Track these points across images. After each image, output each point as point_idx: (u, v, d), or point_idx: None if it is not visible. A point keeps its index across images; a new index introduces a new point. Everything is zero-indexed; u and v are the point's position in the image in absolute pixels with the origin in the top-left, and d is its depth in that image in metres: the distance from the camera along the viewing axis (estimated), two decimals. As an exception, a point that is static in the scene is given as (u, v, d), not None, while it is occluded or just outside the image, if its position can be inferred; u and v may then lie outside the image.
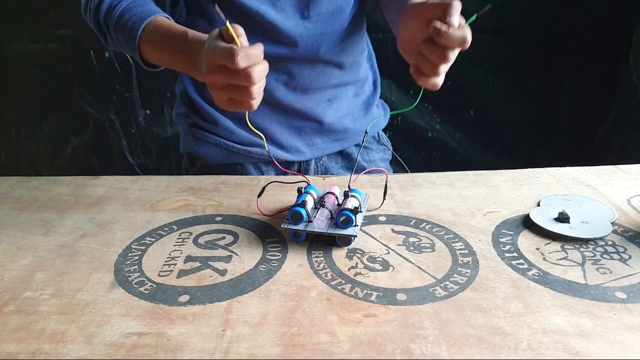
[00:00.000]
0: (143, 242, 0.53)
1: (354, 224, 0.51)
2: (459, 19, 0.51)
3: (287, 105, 0.74)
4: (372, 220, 0.57)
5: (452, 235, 0.53)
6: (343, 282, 0.45)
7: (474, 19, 0.50)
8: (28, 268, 0.49)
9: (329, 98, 0.77)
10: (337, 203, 0.55)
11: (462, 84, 1.46)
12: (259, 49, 0.50)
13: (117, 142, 1.57)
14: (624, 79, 1.43)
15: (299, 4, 0.68)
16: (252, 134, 0.75)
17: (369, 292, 0.44)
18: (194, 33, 0.59)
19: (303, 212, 0.51)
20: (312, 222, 0.52)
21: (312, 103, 0.75)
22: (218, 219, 0.58)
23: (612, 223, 0.54)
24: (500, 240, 0.52)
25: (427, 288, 0.44)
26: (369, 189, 0.64)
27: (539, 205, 0.59)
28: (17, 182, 0.69)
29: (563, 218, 0.54)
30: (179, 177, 0.70)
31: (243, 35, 0.51)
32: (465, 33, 0.50)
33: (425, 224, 0.56)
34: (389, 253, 0.50)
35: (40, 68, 1.48)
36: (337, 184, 0.60)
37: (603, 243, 0.51)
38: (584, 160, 0.79)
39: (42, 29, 1.43)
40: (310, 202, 0.54)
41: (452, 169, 0.70)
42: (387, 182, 0.60)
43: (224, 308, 0.42)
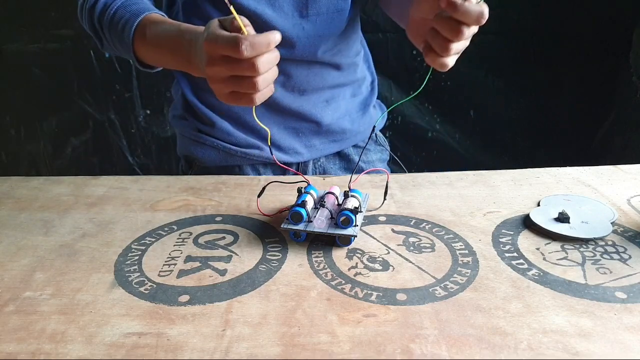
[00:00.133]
0: (143, 242, 0.53)
1: (354, 224, 0.51)
2: None
3: (284, 107, 0.73)
4: (372, 220, 0.57)
5: (452, 235, 0.53)
6: (343, 282, 0.45)
7: None
8: (28, 268, 0.49)
9: (327, 99, 0.77)
10: (337, 203, 0.55)
11: (462, 84, 1.46)
12: (266, 38, 0.47)
13: (117, 142, 1.57)
14: (624, 79, 1.43)
15: (298, 3, 0.68)
16: (249, 136, 0.75)
17: (369, 292, 0.44)
18: (189, 26, 0.58)
19: (303, 212, 0.51)
20: (312, 222, 0.52)
21: (309, 104, 0.75)
22: (218, 219, 0.58)
23: (612, 223, 0.54)
24: (500, 240, 0.52)
25: (427, 288, 0.44)
26: (369, 189, 0.64)
27: (539, 205, 0.59)
28: (17, 182, 0.69)
29: (563, 218, 0.54)
30: (179, 177, 0.70)
31: (249, 26, 0.49)
32: (482, 8, 0.47)
33: (425, 224, 0.56)
34: (389, 253, 0.50)
35: (40, 68, 1.48)
36: (337, 184, 0.60)
37: (603, 243, 0.51)
38: (584, 160, 0.79)
39: (42, 29, 1.43)
40: (310, 202, 0.54)
41: (452, 169, 0.70)
42: (387, 182, 0.60)
43: (224, 308, 0.42)
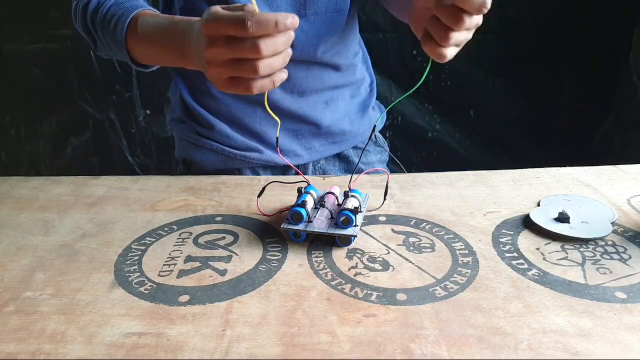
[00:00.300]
0: (143, 242, 0.53)
1: (354, 224, 0.51)
2: None
3: (283, 109, 0.73)
4: (372, 220, 0.57)
5: (452, 235, 0.53)
6: (343, 282, 0.45)
7: None
8: (28, 268, 0.49)
9: (326, 100, 0.77)
10: (337, 203, 0.55)
11: (462, 84, 1.46)
12: (273, 16, 0.44)
13: (117, 142, 1.57)
14: (624, 79, 1.43)
15: (296, 3, 0.68)
16: (249, 139, 0.75)
17: (369, 292, 0.44)
18: (182, 17, 0.57)
19: (303, 212, 0.51)
20: (312, 222, 0.52)
21: (309, 106, 0.75)
22: (218, 219, 0.58)
23: (612, 223, 0.54)
24: (500, 240, 0.52)
25: (427, 288, 0.44)
26: (369, 189, 0.64)
27: (539, 205, 0.59)
28: (17, 182, 0.69)
29: (563, 218, 0.54)
30: (179, 177, 0.70)
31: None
32: None
33: (425, 224, 0.56)
34: (389, 253, 0.50)
35: (40, 68, 1.48)
36: (337, 184, 0.60)
37: (603, 243, 0.51)
38: (584, 160, 0.79)
39: (42, 29, 1.43)
40: (310, 202, 0.54)
41: (452, 169, 0.70)
42: (387, 182, 0.60)
43: (224, 308, 0.42)
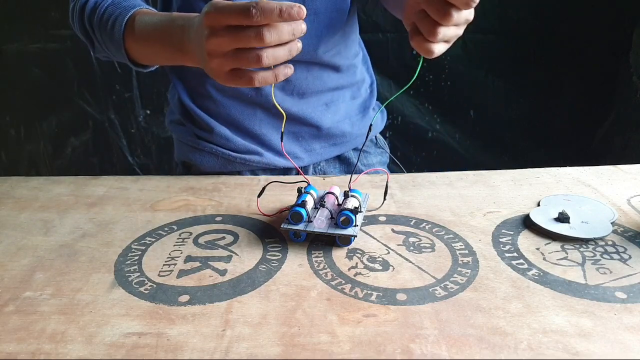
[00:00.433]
0: (143, 242, 0.53)
1: (354, 224, 0.51)
2: None
3: (284, 111, 0.73)
4: (372, 220, 0.57)
5: (452, 235, 0.53)
6: (343, 282, 0.45)
7: None
8: (28, 268, 0.49)
9: (326, 102, 0.76)
10: (337, 203, 0.55)
11: (462, 84, 1.46)
12: (278, 4, 0.43)
13: (117, 142, 1.57)
14: (624, 79, 1.43)
15: (295, 1, 0.67)
16: (249, 141, 0.74)
17: (369, 292, 0.44)
18: (180, 13, 0.56)
19: (303, 212, 0.51)
20: (312, 222, 0.52)
21: (309, 107, 0.75)
22: (218, 219, 0.58)
23: (612, 223, 0.54)
24: (500, 240, 0.52)
25: (427, 288, 0.44)
26: (369, 189, 0.64)
27: (539, 205, 0.59)
28: (17, 182, 0.69)
29: (563, 218, 0.54)
30: (179, 177, 0.70)
31: None
32: None
33: (425, 224, 0.56)
34: (389, 253, 0.50)
35: (40, 68, 1.48)
36: (337, 184, 0.60)
37: (603, 243, 0.51)
38: (584, 160, 0.79)
39: (42, 29, 1.43)
40: (310, 202, 0.54)
41: (452, 169, 0.70)
42: (387, 182, 0.60)
43: (224, 308, 0.42)
